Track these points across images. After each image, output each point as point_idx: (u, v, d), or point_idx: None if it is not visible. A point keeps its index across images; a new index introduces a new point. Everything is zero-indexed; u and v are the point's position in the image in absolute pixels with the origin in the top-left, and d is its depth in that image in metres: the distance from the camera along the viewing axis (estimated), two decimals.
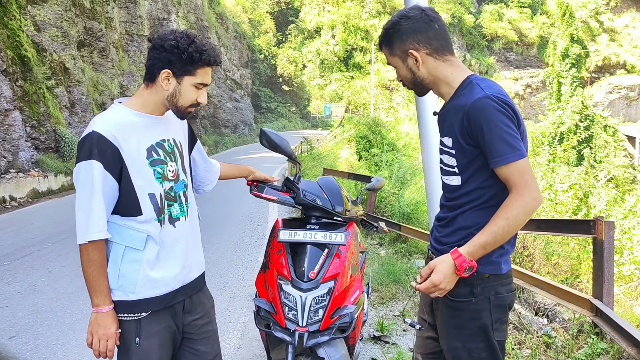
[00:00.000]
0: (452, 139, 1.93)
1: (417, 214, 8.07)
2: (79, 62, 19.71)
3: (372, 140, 24.16)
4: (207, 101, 2.13)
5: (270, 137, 2.73)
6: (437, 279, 1.81)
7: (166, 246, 2.07)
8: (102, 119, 1.95)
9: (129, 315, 2.00)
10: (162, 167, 2.05)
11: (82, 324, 4.75)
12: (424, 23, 1.92)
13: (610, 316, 3.64)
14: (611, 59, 56.78)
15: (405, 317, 2.18)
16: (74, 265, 6.70)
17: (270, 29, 59.82)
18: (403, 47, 1.94)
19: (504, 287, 1.95)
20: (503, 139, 1.75)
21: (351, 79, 55.81)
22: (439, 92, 2.02)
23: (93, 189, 1.87)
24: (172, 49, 1.93)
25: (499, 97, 1.80)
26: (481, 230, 1.81)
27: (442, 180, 2.07)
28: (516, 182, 1.76)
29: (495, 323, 1.92)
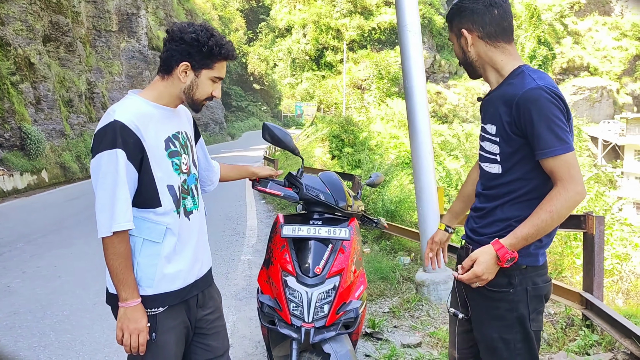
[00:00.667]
0: (496, 126, 1.92)
1: (401, 211, 8.09)
2: (44, 57, 19.17)
3: (345, 140, 24.23)
4: (220, 95, 2.11)
5: (274, 132, 2.70)
6: (480, 270, 1.81)
7: (182, 239, 2.03)
8: (122, 108, 1.90)
9: (149, 310, 1.94)
10: (179, 159, 2.03)
11: (64, 325, 4.59)
12: (484, 6, 1.93)
13: (602, 308, 3.70)
14: (575, 61, 58.36)
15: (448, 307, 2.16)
16: (49, 267, 6.50)
17: (240, 27, 59.41)
18: (459, 26, 1.99)
19: (541, 277, 1.95)
20: (553, 130, 1.75)
21: (322, 78, 55.77)
22: (486, 78, 2.03)
23: (118, 178, 1.82)
24: (192, 42, 1.92)
25: (551, 89, 1.79)
26: (524, 222, 1.80)
27: (481, 167, 2.06)
28: (562, 175, 1.76)
29: (532, 313, 1.92)
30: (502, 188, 1.94)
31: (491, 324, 1.98)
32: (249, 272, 6.22)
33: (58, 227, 9.05)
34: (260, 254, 7.06)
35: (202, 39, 1.92)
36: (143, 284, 1.93)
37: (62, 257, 6.93)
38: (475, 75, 2.08)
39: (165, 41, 1.98)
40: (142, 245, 1.93)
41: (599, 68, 59.49)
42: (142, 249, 1.93)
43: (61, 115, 19.57)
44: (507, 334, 1.95)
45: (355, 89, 50.21)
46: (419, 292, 5.10)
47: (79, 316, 4.81)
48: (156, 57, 30.76)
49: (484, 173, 2.05)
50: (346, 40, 53.07)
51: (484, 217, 2.01)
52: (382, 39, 54.19)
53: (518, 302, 1.91)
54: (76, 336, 4.36)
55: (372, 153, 22.31)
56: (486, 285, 1.89)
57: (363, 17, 55.96)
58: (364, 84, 50.20)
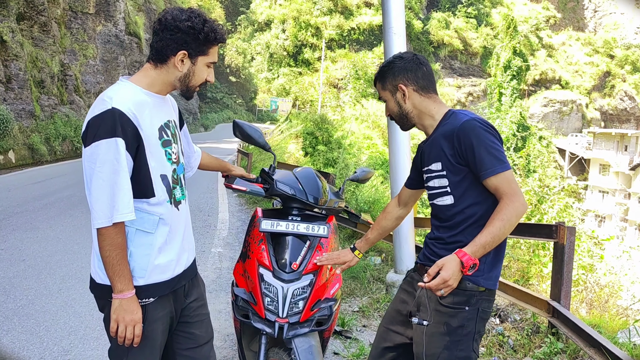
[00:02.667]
0: (441, 162, 2.11)
1: (374, 211, 8.12)
2: (17, 35, 18.61)
3: (319, 137, 24.24)
4: (213, 80, 2.10)
5: (244, 129, 2.76)
6: (448, 275, 1.91)
7: (173, 229, 2.02)
8: (118, 95, 1.84)
9: (141, 301, 1.92)
10: (170, 148, 2.01)
11: (27, 310, 4.47)
12: (414, 64, 2.19)
13: (568, 317, 3.78)
14: (548, 73, 59.66)
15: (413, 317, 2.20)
16: (12, 249, 6.33)
17: (219, 18, 58.76)
18: (394, 82, 2.20)
19: (489, 303, 2.13)
20: (491, 153, 1.97)
21: (299, 75, 55.73)
22: (422, 125, 2.25)
23: (119, 167, 1.78)
24: (189, 30, 1.90)
25: (483, 120, 2.06)
26: (481, 232, 1.97)
27: (434, 204, 2.22)
28: (505, 190, 1.96)
29: (476, 334, 2.10)
30: (459, 216, 2.10)
31: (438, 338, 2.10)
32: (219, 264, 6.17)
33: (22, 209, 8.80)
34: (231, 247, 7.00)
35: (198, 26, 1.90)
36: (136, 275, 1.91)
37: (26, 241, 6.75)
38: (407, 127, 2.31)
39: (158, 30, 1.93)
40: (134, 235, 1.90)
41: (570, 82, 60.96)
42: (134, 239, 1.90)
43: (32, 95, 19.05)
44: (451, 350, 2.08)
45: (331, 87, 50.34)
46: (389, 292, 5.14)
47: (44, 301, 4.68)
48: (132, 42, 30.26)
49: (438, 209, 2.21)
50: (325, 38, 53.15)
51: (447, 245, 2.14)
52: (360, 40, 54.47)
53: (469, 320, 2.07)
54: (40, 322, 4.25)
55: (346, 152, 22.38)
56: (443, 302, 2.06)
57: (343, 16, 56.15)
58: (340, 83, 50.35)
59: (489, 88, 43.98)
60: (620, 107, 62.03)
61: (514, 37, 40.58)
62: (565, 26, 67.87)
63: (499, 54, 42.72)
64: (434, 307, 2.09)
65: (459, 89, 57.69)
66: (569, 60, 63.74)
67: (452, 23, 61.07)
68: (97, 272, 1.95)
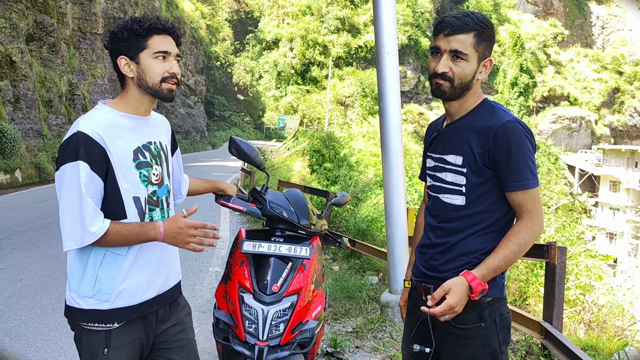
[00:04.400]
0: (463, 157, 1.89)
1: (372, 230, 8.09)
2: (26, 56, 18.94)
3: (326, 155, 24.30)
4: (179, 71, 2.02)
5: (240, 146, 2.67)
6: (454, 301, 1.76)
7: (145, 253, 1.98)
8: (86, 119, 1.86)
9: (99, 325, 1.90)
10: (148, 170, 1.98)
11: (20, 331, 4.48)
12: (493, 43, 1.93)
13: (559, 339, 3.73)
14: (556, 90, 59.54)
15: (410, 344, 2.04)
16: (11, 268, 6.36)
17: (228, 37, 59.46)
18: (487, 50, 1.87)
19: (504, 308, 1.95)
20: (527, 165, 1.79)
21: (307, 93, 56.05)
22: (459, 106, 1.93)
23: (81, 191, 1.77)
24: (116, 36, 1.90)
25: (524, 124, 1.84)
26: (493, 253, 1.81)
27: (439, 198, 1.99)
28: (530, 208, 1.81)
29: (502, 346, 1.91)
30: (466, 220, 1.91)
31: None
32: (215, 284, 6.15)
33: (24, 228, 8.87)
34: None
35: (119, 28, 1.90)
36: (101, 298, 1.88)
37: (26, 260, 6.79)
38: (450, 98, 1.91)
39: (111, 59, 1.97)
40: (103, 257, 1.88)
41: (578, 98, 60.81)
42: (103, 261, 1.88)
43: (39, 115, 19.31)
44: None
45: (338, 105, 50.55)
46: (384, 313, 5.09)
47: (37, 322, 4.70)
48: None
49: (441, 206, 1.98)
50: (332, 56, 53.49)
51: (444, 253, 1.95)
52: (368, 57, 54.75)
53: (490, 335, 1.88)
54: (31, 342, 4.26)
55: (352, 170, 22.40)
56: (456, 324, 1.85)
57: (350, 34, 56.57)
58: (347, 101, 50.57)
59: None
60: (630, 123, 61.75)
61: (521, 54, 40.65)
62: (573, 43, 67.89)
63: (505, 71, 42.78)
64: (448, 330, 1.89)
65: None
66: (577, 77, 63.66)
67: None
68: (67, 295, 1.94)
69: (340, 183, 14.35)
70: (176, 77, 1.97)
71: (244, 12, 64.49)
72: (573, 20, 71.19)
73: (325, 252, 7.79)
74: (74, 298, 1.90)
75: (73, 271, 1.91)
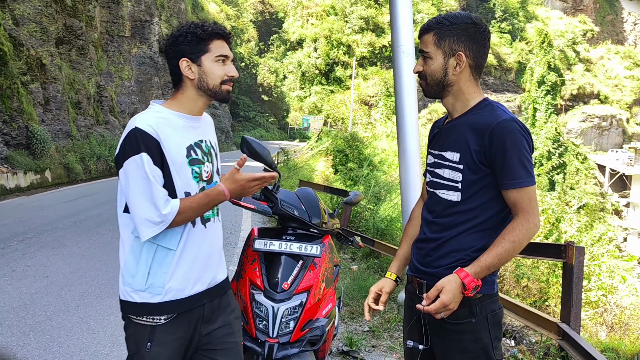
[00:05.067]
0: (460, 154, 1.92)
1: (392, 230, 8.08)
2: (56, 59, 19.40)
3: (349, 155, 24.26)
4: (237, 74, 2.12)
5: (252, 145, 2.67)
6: (448, 299, 1.79)
7: (196, 247, 2.04)
8: (141, 117, 1.95)
9: (147, 319, 1.97)
10: (200, 167, 2.05)
11: (44, 326, 4.61)
12: (484, 38, 1.93)
13: (576, 340, 3.68)
14: (586, 88, 58.34)
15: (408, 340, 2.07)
16: (38, 265, 6.53)
17: (252, 38, 59.84)
18: (454, 45, 1.90)
19: (496, 304, 1.97)
20: (522, 163, 1.81)
21: (331, 93, 56.11)
22: (451, 104, 1.99)
23: (149, 179, 1.86)
24: (177, 39, 1.99)
25: (521, 123, 1.86)
26: (487, 251, 1.82)
27: (435, 194, 2.02)
28: (524, 207, 1.82)
29: (494, 341, 1.93)
30: (460, 216, 1.93)
31: (457, 357, 1.96)
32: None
33: (52, 227, 9.10)
34: None
35: (183, 31, 1.99)
36: (153, 291, 1.95)
37: (52, 258, 6.97)
38: (434, 95, 2.01)
39: (166, 60, 2.07)
40: (155, 252, 1.95)
41: (609, 96, 59.47)
42: (155, 255, 1.95)
43: (69, 116, 19.76)
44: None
45: (362, 105, 50.45)
46: (400, 312, 5.09)
47: (61, 317, 4.82)
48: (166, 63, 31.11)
49: (438, 201, 2.01)
50: (356, 56, 53.39)
51: (438, 248, 1.98)
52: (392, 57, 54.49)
53: (481, 331, 1.91)
54: (55, 337, 4.38)
55: (376, 170, 22.33)
56: (447, 319, 1.88)
57: (374, 34, 56.42)
58: (371, 101, 50.43)
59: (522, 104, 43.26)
60: None
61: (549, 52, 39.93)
62: (603, 39, 66.46)
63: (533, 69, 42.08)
64: (440, 325, 1.92)
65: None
66: (608, 74, 62.26)
67: None
68: (121, 288, 2.02)
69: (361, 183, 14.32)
70: (233, 80, 2.07)
71: (269, 13, 64.83)
72: (604, 17, 69.68)
73: (345, 251, 7.81)
74: (128, 292, 1.97)
75: (127, 266, 1.97)
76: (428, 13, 54.38)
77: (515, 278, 5.95)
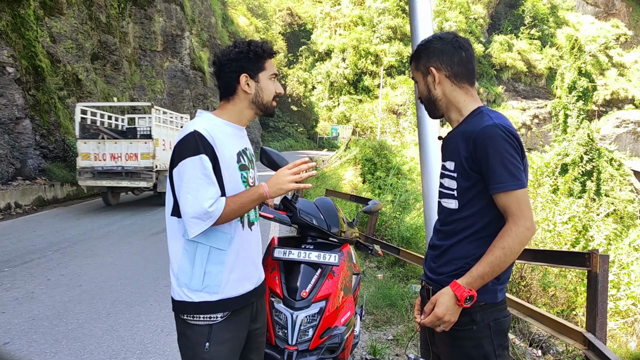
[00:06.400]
0: (454, 162, 1.98)
1: (417, 238, 8.06)
2: (91, 74, 19.98)
3: (378, 164, 24.20)
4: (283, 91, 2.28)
5: (271, 156, 2.75)
6: (441, 312, 1.85)
7: (245, 248, 2.17)
8: (198, 121, 2.08)
9: (205, 318, 2.07)
10: (247, 172, 2.19)
11: (76, 333, 4.77)
12: (452, 47, 2.01)
13: (602, 350, 3.63)
14: (619, 93, 56.86)
15: (406, 351, 2.15)
16: (72, 275, 6.74)
17: (281, 50, 60.32)
18: (427, 64, 2.04)
19: (501, 312, 1.99)
20: (506, 167, 1.82)
21: (359, 102, 56.11)
22: (448, 117, 2.10)
23: (203, 179, 1.97)
24: (239, 56, 2.12)
25: (507, 128, 1.88)
26: (479, 261, 1.85)
27: (440, 203, 2.10)
28: (513, 211, 1.82)
29: (497, 349, 1.95)
30: (459, 223, 1.98)
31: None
32: None
33: (86, 237, 9.37)
34: None
35: (245, 48, 2.12)
36: (210, 290, 2.06)
37: (86, 267, 7.18)
38: (435, 115, 2.13)
39: (217, 71, 2.18)
40: (209, 253, 2.06)
41: None
42: (209, 257, 2.06)
43: None
44: None
45: (391, 113, 50.32)
46: None
47: (92, 325, 4.98)
48: (197, 76, 31.62)
49: (442, 209, 2.09)
50: (384, 65, 53.33)
51: (440, 256, 2.05)
52: None
53: (482, 338, 1.93)
54: (86, 345, 4.53)
55: (404, 178, 22.21)
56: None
57: (402, 43, 56.30)
58: (400, 109, 50.26)
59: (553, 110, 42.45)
60: None
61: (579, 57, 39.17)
62: (637, 44, 64.76)
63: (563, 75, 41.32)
64: (445, 333, 1.93)
65: (523, 111, 56.00)
66: None
67: (515, 45, 59.74)
68: (176, 290, 2.12)
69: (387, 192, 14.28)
70: (280, 96, 2.24)
71: (297, 25, 65.33)
72: (637, 20, 67.96)
73: (371, 260, 7.82)
74: (184, 292, 2.08)
75: (182, 267, 2.08)
76: (456, 21, 54.05)
77: (542, 287, 5.88)
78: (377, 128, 45.82)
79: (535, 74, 58.71)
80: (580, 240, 7.85)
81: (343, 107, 56.64)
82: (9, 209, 12.91)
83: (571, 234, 7.39)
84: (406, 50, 55.35)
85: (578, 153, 28.70)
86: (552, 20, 61.60)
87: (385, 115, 49.16)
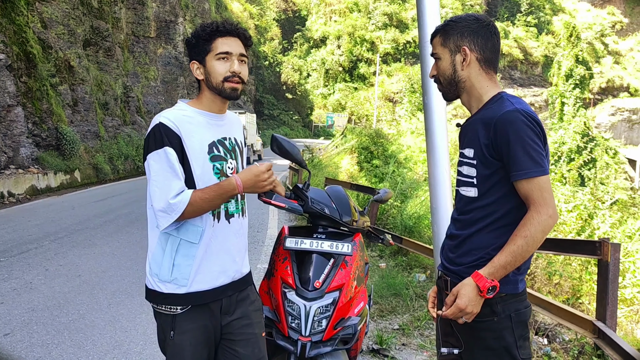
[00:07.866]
0: (474, 149, 1.92)
1: (419, 227, 8.02)
2: (84, 60, 19.75)
3: (374, 152, 24.18)
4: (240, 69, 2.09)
5: (282, 144, 2.69)
6: (463, 303, 1.80)
7: (220, 241, 2.10)
8: (165, 113, 2.04)
9: (166, 308, 2.05)
10: (222, 164, 2.10)
11: (77, 324, 4.69)
12: (488, 32, 1.95)
13: (613, 339, 3.59)
14: (615, 81, 57.06)
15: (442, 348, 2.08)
16: (70, 265, 6.66)
17: (276, 37, 60.03)
18: (459, 42, 1.95)
19: (522, 303, 1.94)
20: (528, 153, 1.76)
21: (355, 90, 55.98)
22: (467, 102, 2.02)
23: (168, 172, 1.94)
24: (188, 44, 2.11)
25: (528, 113, 1.81)
26: (501, 250, 1.79)
27: (458, 191, 2.04)
28: (535, 198, 1.76)
29: (518, 340, 1.91)
30: (478, 212, 1.93)
31: (482, 354, 1.95)
32: None
33: (83, 226, 9.27)
34: None
35: (189, 37, 2.10)
36: (179, 283, 2.02)
37: (84, 257, 7.09)
38: (451, 97, 2.05)
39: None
40: (178, 245, 2.02)
41: (639, 89, 58.02)
42: (178, 249, 2.02)
43: (96, 117, 20.10)
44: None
45: (387, 101, 50.25)
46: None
47: (94, 316, 4.91)
48: None
49: (460, 197, 2.04)
50: (380, 52, 53.13)
51: (459, 246, 1.99)
52: (416, 53, 54.02)
53: (503, 329, 1.90)
54: (88, 336, 4.46)
55: (401, 166, 22.19)
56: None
57: (398, 30, 56.10)
58: (396, 97, 50.19)
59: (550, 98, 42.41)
60: None
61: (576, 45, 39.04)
62: (633, 31, 64.81)
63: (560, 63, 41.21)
64: (465, 323, 1.89)
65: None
66: (637, 67, 60.75)
67: (511, 32, 59.67)
68: (148, 277, 2.09)
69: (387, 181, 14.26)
70: (238, 76, 2.06)
71: (292, 11, 64.90)
72: (633, 8, 67.91)
73: (372, 249, 7.77)
74: (155, 282, 2.05)
75: (155, 257, 2.06)
76: (452, 8, 53.80)
77: (547, 275, 5.85)
78: (372, 116, 45.75)
79: (531, 61, 58.71)
80: (585, 228, 7.80)
81: (338, 94, 56.53)
82: (2, 198, 12.79)
83: (576, 222, 7.35)
84: (402, 37, 55.16)
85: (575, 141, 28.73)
86: (549, 7, 61.58)
87: (381, 103, 49.08)
